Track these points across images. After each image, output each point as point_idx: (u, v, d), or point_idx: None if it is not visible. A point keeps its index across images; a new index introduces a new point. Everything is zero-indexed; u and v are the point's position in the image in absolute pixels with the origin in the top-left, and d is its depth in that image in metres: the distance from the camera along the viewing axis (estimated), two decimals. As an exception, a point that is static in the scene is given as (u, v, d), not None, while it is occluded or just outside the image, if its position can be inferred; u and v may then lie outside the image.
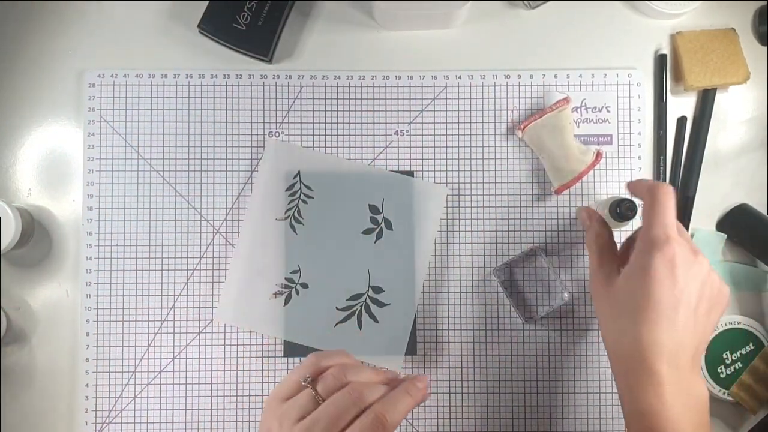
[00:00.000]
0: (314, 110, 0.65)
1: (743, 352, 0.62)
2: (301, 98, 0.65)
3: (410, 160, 0.64)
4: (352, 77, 0.65)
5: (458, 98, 0.65)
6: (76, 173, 0.64)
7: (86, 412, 0.62)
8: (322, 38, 0.66)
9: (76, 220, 0.64)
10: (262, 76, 0.65)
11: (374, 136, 0.64)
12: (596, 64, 0.66)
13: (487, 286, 0.64)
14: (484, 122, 0.65)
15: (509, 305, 0.63)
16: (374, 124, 0.65)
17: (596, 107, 0.65)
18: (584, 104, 0.65)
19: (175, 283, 0.63)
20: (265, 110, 0.64)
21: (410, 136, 0.65)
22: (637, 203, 0.57)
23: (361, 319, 0.63)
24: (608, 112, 0.65)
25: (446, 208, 0.64)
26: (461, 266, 0.64)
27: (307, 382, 0.47)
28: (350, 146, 0.64)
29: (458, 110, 0.65)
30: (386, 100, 0.65)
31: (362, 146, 0.64)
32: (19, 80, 0.64)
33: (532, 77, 0.65)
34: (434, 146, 0.64)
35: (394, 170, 0.64)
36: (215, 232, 0.64)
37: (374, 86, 0.65)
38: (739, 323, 0.62)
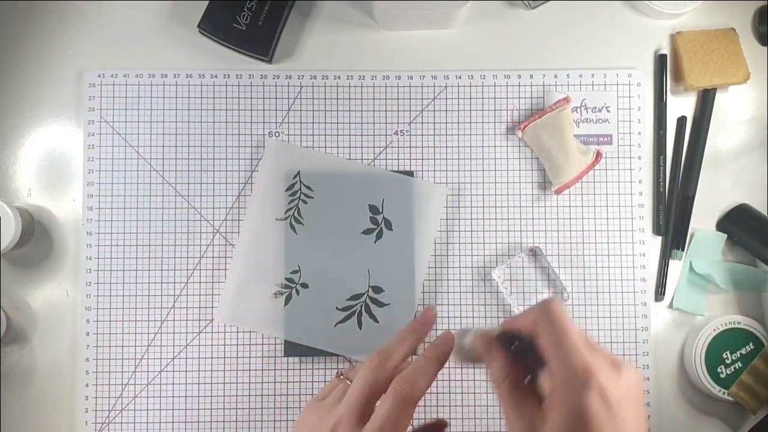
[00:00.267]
0: (314, 110, 0.65)
1: (743, 352, 0.62)
2: (301, 98, 0.65)
3: (410, 160, 0.64)
4: (352, 77, 0.65)
5: (458, 98, 0.65)
6: (76, 173, 0.64)
7: (86, 412, 0.62)
8: (322, 38, 0.66)
9: (76, 220, 0.64)
10: (262, 76, 0.65)
11: (374, 136, 0.64)
12: (596, 64, 0.66)
13: (487, 286, 0.64)
14: (484, 122, 0.65)
15: (509, 305, 0.63)
16: (374, 124, 0.65)
17: (596, 107, 0.65)
18: (584, 104, 0.65)
19: (175, 283, 0.63)
20: (265, 110, 0.64)
21: (410, 136, 0.65)
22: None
23: (361, 319, 0.63)
24: (608, 112, 0.65)
25: (446, 208, 0.64)
26: (461, 266, 0.64)
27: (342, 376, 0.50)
28: (350, 146, 0.64)
29: (458, 110, 0.65)
30: (386, 100, 0.65)
31: (362, 146, 0.64)
32: (19, 80, 0.64)
33: (532, 77, 0.65)
34: (434, 146, 0.64)
35: (394, 170, 0.64)
36: (215, 232, 0.64)
37: (374, 86, 0.65)
38: (739, 323, 0.62)
